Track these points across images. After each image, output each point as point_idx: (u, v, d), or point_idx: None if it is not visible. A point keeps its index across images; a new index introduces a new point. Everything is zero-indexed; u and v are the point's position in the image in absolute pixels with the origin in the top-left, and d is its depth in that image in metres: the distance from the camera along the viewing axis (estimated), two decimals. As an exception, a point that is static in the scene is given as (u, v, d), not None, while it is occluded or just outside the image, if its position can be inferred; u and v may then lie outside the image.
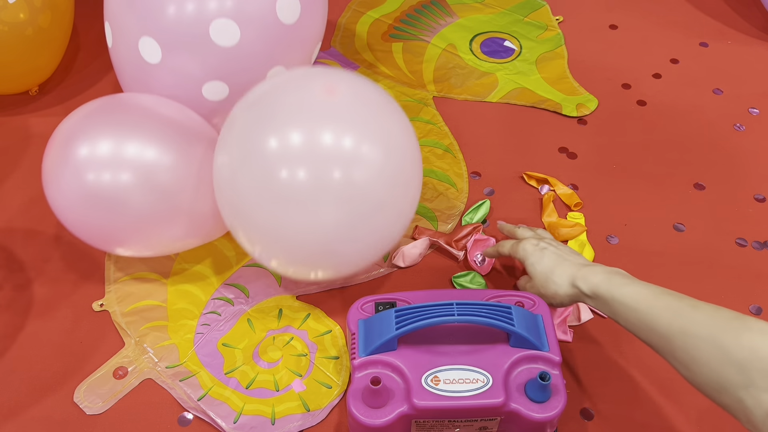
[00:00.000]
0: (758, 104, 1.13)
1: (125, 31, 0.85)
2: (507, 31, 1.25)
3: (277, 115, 0.72)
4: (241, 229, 0.76)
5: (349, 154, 0.70)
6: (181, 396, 0.79)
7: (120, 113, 0.81)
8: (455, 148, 1.06)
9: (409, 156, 0.76)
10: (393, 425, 0.69)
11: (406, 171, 0.75)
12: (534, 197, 1.00)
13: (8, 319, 0.86)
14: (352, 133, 0.70)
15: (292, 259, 0.76)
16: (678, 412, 0.78)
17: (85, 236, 0.82)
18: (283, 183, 0.69)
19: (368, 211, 0.72)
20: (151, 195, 0.78)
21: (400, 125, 0.76)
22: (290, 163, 0.69)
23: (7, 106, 1.11)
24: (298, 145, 0.70)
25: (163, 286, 0.89)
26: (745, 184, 1.01)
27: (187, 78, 0.84)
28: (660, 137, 1.08)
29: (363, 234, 0.74)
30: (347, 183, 0.70)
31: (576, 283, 0.73)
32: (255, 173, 0.71)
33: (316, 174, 0.69)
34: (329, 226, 0.71)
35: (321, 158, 0.69)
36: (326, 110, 0.71)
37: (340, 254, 0.75)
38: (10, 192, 0.99)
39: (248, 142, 0.72)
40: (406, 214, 0.78)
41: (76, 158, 0.77)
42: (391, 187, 0.73)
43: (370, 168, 0.71)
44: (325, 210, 0.70)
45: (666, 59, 1.21)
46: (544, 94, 1.14)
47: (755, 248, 0.94)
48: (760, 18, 1.28)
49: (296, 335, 0.85)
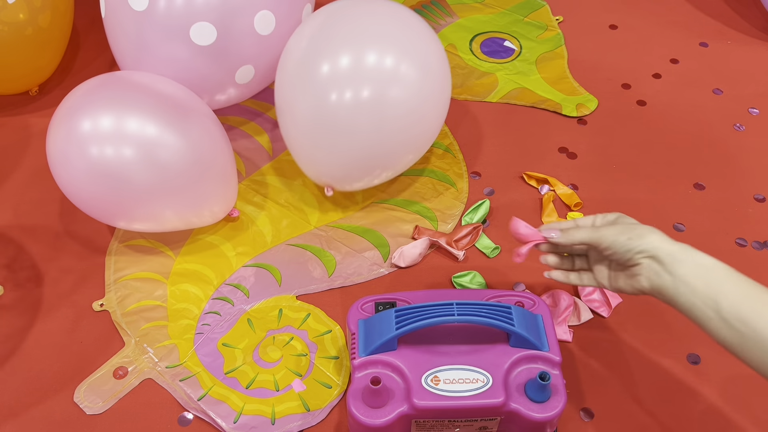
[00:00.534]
0: (758, 104, 1.13)
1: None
2: (507, 31, 1.25)
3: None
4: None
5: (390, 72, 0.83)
6: (181, 396, 0.79)
7: (120, 89, 0.84)
8: (455, 148, 1.06)
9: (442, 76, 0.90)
10: (393, 425, 0.69)
11: (437, 90, 0.89)
12: (534, 197, 1.00)
13: (9, 319, 0.86)
14: (393, 55, 0.84)
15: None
16: (678, 412, 0.79)
17: (88, 208, 0.86)
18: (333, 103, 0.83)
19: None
20: (153, 168, 0.81)
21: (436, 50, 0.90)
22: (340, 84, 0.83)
23: (7, 106, 1.11)
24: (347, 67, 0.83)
25: (163, 286, 0.89)
26: (745, 184, 1.01)
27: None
28: (660, 137, 1.08)
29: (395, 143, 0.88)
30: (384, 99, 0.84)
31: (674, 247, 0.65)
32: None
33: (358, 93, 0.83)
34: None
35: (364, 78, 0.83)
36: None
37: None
38: (10, 192, 0.99)
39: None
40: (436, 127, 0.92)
41: (81, 133, 0.81)
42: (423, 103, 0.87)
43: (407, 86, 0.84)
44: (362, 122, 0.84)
45: (666, 59, 1.21)
46: (544, 94, 1.14)
47: (755, 248, 0.94)
48: (760, 18, 1.28)
49: (296, 335, 0.85)
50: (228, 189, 0.91)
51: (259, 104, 1.12)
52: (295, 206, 0.98)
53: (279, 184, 1.01)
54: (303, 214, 0.97)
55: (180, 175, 0.83)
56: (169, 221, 0.87)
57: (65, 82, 1.15)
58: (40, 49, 1.04)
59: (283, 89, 0.89)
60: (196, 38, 0.89)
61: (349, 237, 0.95)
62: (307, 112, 0.86)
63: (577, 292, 0.88)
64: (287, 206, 0.98)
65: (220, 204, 0.90)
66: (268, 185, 1.01)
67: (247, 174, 1.02)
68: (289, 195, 0.99)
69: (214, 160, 0.87)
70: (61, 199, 0.97)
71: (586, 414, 0.79)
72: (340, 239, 0.94)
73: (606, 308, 0.87)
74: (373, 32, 0.86)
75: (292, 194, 0.99)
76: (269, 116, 1.10)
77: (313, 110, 0.85)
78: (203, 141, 0.86)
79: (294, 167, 1.02)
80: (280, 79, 0.90)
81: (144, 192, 0.82)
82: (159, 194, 0.83)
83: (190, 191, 0.85)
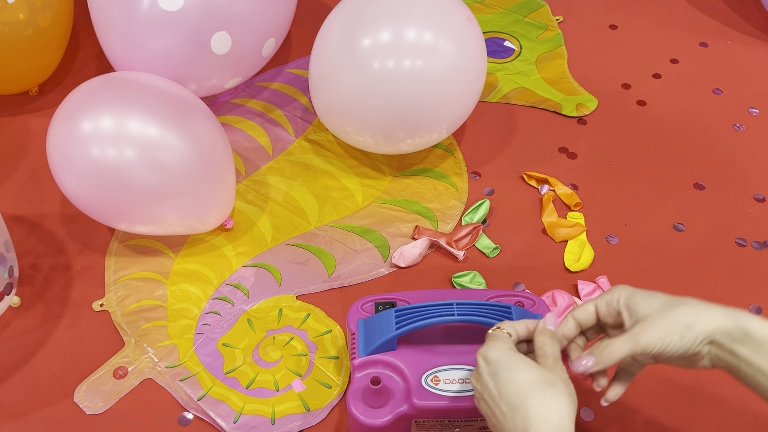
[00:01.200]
0: (758, 104, 1.13)
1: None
2: (507, 31, 1.25)
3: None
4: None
5: (429, 47, 0.87)
6: (181, 396, 0.80)
7: (120, 89, 0.85)
8: (455, 148, 1.06)
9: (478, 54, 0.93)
10: (393, 425, 0.69)
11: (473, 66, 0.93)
12: (534, 197, 1.00)
13: (9, 318, 0.86)
14: (432, 32, 0.88)
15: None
16: (678, 412, 0.79)
17: (89, 210, 0.86)
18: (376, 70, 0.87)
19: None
20: (155, 169, 0.81)
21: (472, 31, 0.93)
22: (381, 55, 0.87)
23: (7, 106, 1.11)
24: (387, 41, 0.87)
25: (163, 286, 0.89)
26: (745, 184, 1.01)
27: None
28: (660, 137, 1.08)
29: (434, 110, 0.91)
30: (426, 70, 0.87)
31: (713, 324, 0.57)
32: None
33: (401, 63, 0.87)
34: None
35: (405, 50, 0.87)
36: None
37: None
38: (9, 192, 0.99)
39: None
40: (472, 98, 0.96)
41: (81, 133, 0.81)
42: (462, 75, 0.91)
43: (445, 59, 0.88)
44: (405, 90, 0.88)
45: (666, 59, 1.21)
46: (544, 94, 1.14)
47: (755, 248, 0.94)
48: (760, 18, 1.29)
49: (296, 335, 0.85)
50: (226, 190, 0.91)
51: (259, 104, 1.12)
52: (295, 206, 0.98)
53: (279, 184, 1.01)
54: (303, 214, 0.97)
55: (182, 175, 0.83)
56: (170, 225, 0.87)
57: (65, 82, 1.15)
58: (40, 49, 1.04)
59: (326, 59, 0.92)
60: (164, 4, 0.90)
61: (349, 237, 0.95)
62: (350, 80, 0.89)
63: (577, 292, 0.88)
64: (287, 206, 0.98)
65: (218, 206, 0.90)
66: (268, 185, 1.01)
67: (247, 174, 1.02)
68: (289, 195, 0.99)
69: (215, 159, 0.87)
70: (61, 199, 0.97)
71: (586, 414, 0.79)
72: (340, 239, 0.94)
73: (606, 308, 0.87)
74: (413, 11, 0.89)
75: (292, 194, 1.00)
76: (269, 116, 1.10)
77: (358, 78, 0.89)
78: (205, 141, 0.86)
79: (294, 167, 1.02)
80: (319, 51, 0.94)
81: (145, 193, 0.82)
82: (160, 195, 0.83)
83: (192, 192, 0.85)
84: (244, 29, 0.96)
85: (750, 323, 0.56)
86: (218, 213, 0.91)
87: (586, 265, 0.91)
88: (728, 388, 0.80)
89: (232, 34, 0.95)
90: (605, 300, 0.63)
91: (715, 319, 0.57)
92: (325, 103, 0.95)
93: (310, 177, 1.02)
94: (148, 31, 0.92)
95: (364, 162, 1.03)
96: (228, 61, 0.98)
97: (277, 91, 1.14)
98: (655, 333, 0.58)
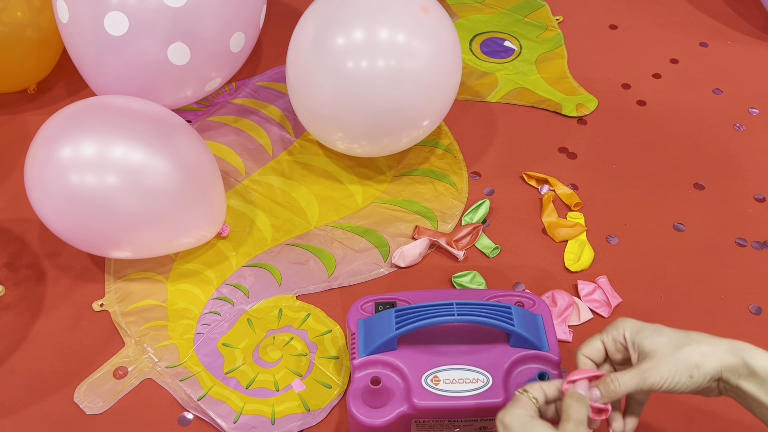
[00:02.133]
0: (758, 104, 1.13)
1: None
2: (507, 31, 1.25)
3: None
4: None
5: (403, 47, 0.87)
6: (181, 396, 0.79)
7: (100, 114, 0.82)
8: (455, 148, 1.06)
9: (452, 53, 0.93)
10: (393, 425, 0.69)
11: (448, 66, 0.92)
12: (534, 197, 1.00)
13: (8, 318, 0.86)
14: (406, 32, 0.87)
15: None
16: (678, 412, 0.78)
17: (74, 241, 0.83)
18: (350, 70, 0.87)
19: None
20: (137, 195, 0.79)
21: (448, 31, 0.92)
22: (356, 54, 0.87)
23: (5, 104, 1.11)
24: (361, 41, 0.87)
25: (163, 286, 0.89)
26: (745, 184, 1.01)
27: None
28: (660, 137, 1.08)
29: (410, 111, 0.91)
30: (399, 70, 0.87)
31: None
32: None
33: (375, 63, 0.86)
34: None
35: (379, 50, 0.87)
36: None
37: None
38: (9, 191, 0.99)
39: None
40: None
41: (59, 160, 0.78)
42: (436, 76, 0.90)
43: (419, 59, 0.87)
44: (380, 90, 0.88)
45: (666, 59, 1.21)
46: (544, 94, 1.14)
47: (755, 248, 0.94)
48: (760, 18, 1.29)
49: (296, 335, 0.85)
50: (216, 206, 0.89)
51: (259, 104, 1.12)
52: (295, 206, 0.98)
53: (279, 184, 1.01)
54: (303, 214, 0.97)
55: (168, 200, 0.81)
56: (158, 248, 0.86)
57: (63, 80, 1.15)
58: (40, 48, 1.04)
59: (301, 63, 0.91)
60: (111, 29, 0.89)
61: (349, 237, 0.95)
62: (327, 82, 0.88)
63: (577, 292, 0.88)
64: (287, 206, 0.98)
65: (208, 224, 0.89)
66: (268, 185, 1.01)
67: (247, 174, 1.02)
68: (289, 195, 0.99)
69: (201, 179, 0.85)
70: (60, 199, 0.97)
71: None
72: (340, 239, 0.94)
73: (606, 308, 0.87)
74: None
75: (292, 194, 0.99)
76: (269, 116, 1.10)
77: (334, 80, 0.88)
78: (190, 163, 0.83)
79: (294, 167, 1.02)
80: (295, 55, 0.92)
81: (130, 220, 0.80)
82: (145, 222, 0.81)
83: (178, 215, 0.84)
84: (199, 34, 0.93)
85: (755, 359, 0.57)
86: (211, 228, 0.89)
87: (586, 265, 0.91)
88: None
89: (187, 42, 0.92)
90: (611, 336, 0.63)
91: (722, 357, 0.58)
92: (305, 107, 0.94)
93: (310, 177, 1.01)
94: (105, 55, 0.92)
95: (364, 162, 1.03)
96: (193, 68, 0.96)
97: (277, 91, 1.14)
98: (664, 372, 0.58)
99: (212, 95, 1.12)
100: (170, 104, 1.01)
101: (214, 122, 1.09)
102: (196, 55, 0.94)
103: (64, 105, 1.10)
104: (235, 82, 1.15)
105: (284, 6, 1.31)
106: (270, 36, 1.24)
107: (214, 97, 1.12)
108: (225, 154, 1.04)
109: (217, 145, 1.05)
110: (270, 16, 1.27)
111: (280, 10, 1.29)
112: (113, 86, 0.95)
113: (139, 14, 0.88)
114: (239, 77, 1.16)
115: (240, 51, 1.00)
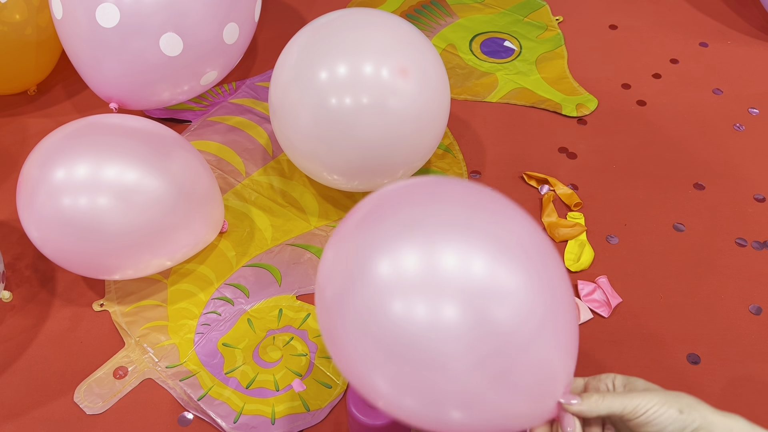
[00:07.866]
0: (758, 104, 1.13)
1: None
2: (507, 31, 1.25)
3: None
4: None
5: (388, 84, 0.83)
6: (181, 396, 0.79)
7: (94, 135, 0.80)
8: (455, 148, 1.06)
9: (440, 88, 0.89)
10: (393, 425, 0.69)
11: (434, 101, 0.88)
12: (534, 197, 1.00)
13: (9, 318, 0.86)
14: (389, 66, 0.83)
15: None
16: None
17: (68, 265, 0.81)
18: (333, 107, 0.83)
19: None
20: (131, 215, 0.77)
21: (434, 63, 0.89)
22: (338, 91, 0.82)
23: (5, 106, 1.11)
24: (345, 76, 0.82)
25: (163, 286, 0.89)
26: (744, 184, 1.01)
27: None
28: (660, 137, 1.08)
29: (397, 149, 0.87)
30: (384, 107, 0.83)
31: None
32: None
33: (359, 100, 0.82)
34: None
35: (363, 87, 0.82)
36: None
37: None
38: (9, 192, 0.99)
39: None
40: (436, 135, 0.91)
41: (52, 182, 0.76)
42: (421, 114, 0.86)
43: (404, 96, 0.83)
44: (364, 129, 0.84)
45: (666, 59, 1.21)
46: (544, 94, 1.14)
47: (755, 248, 0.94)
48: (760, 18, 1.29)
49: (296, 335, 0.85)
50: (214, 221, 0.89)
51: (259, 104, 1.12)
52: (295, 206, 0.98)
53: (279, 184, 1.01)
54: (303, 214, 0.97)
55: (163, 218, 0.80)
56: (158, 266, 0.85)
57: (63, 81, 1.15)
58: (39, 49, 1.04)
59: (282, 92, 0.88)
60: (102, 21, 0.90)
61: (349, 237, 0.94)
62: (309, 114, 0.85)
63: (577, 292, 0.88)
64: (287, 206, 0.98)
65: (207, 234, 0.88)
66: (268, 185, 1.01)
67: (247, 174, 1.02)
68: (289, 195, 0.99)
69: (197, 194, 0.84)
70: (60, 199, 0.97)
71: None
72: (340, 239, 0.94)
73: (606, 308, 0.87)
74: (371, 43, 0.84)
75: (292, 194, 0.99)
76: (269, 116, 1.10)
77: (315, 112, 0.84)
78: (185, 182, 0.82)
79: (294, 167, 1.02)
80: (277, 85, 0.89)
81: (124, 242, 0.78)
82: (142, 243, 0.79)
83: (175, 234, 0.83)
84: (190, 24, 0.92)
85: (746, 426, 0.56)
86: (210, 236, 0.89)
87: (586, 265, 0.91)
88: (729, 389, 0.80)
89: (179, 32, 0.92)
90: (602, 382, 0.60)
91: (715, 413, 0.56)
92: (286, 137, 0.91)
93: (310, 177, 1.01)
94: (100, 48, 0.92)
95: (364, 162, 1.03)
96: (187, 60, 0.95)
97: (277, 91, 1.14)
98: (654, 398, 0.55)
99: (212, 95, 1.12)
100: (168, 100, 1.01)
101: (214, 122, 1.09)
102: (189, 45, 0.94)
103: (63, 106, 1.11)
104: (234, 82, 1.15)
105: (284, 6, 1.31)
106: (270, 36, 1.24)
107: (214, 97, 1.12)
108: (225, 154, 1.04)
109: (217, 145, 1.05)
110: (270, 16, 1.27)
111: (279, 10, 1.29)
112: (109, 80, 0.95)
113: (130, 5, 0.89)
114: (238, 77, 1.16)
115: (234, 43, 1.00)
